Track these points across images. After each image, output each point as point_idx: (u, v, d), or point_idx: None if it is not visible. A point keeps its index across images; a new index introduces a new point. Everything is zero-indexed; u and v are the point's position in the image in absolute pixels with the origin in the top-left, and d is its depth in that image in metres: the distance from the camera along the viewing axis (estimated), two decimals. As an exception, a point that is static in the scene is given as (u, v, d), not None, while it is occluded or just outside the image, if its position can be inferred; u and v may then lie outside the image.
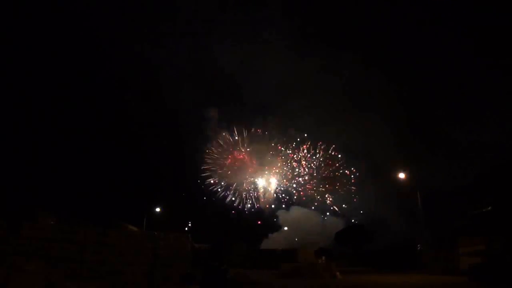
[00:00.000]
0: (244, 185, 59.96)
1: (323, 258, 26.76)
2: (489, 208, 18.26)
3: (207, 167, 58.95)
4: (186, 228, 52.03)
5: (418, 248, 29.28)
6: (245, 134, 58.95)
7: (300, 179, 59.36)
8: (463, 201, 34.28)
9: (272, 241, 50.22)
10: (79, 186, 48.30)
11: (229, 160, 59.55)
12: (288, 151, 59.55)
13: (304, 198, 58.58)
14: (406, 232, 37.26)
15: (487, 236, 17.49)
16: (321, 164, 58.79)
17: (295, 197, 58.92)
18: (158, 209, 49.46)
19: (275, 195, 59.76)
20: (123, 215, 40.06)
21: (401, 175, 35.94)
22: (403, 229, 39.00)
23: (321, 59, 56.45)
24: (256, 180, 60.20)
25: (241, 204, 59.24)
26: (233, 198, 59.13)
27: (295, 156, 59.58)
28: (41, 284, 9.93)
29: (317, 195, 58.33)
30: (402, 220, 40.49)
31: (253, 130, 58.72)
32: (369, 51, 59.79)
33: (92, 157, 52.46)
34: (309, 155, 59.11)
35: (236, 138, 59.39)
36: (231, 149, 59.70)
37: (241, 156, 59.66)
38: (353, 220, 52.93)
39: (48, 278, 10.14)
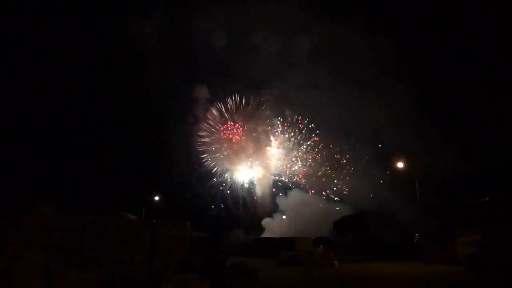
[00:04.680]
0: (241, 169, 58.43)
1: (321, 246, 26.96)
2: (487, 198, 18.37)
3: (202, 150, 57.46)
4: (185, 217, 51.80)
5: (416, 238, 29.51)
6: (238, 115, 57.16)
7: (299, 162, 57.32)
8: (462, 191, 34.42)
9: (271, 229, 49.98)
10: (78, 175, 48.32)
11: (224, 143, 58.14)
12: (284, 132, 57.53)
13: (303, 181, 56.47)
14: (405, 222, 37.45)
15: (484, 226, 17.66)
16: (319, 147, 56.49)
17: (296, 179, 57.03)
18: (157, 198, 49.67)
19: (273, 180, 58.03)
20: (122, 204, 40.29)
21: (400, 164, 36.08)
22: (402, 218, 39.17)
23: (320, 31, 52.43)
24: (252, 164, 58.34)
25: (238, 190, 58.12)
26: (230, 184, 58.08)
27: (292, 137, 57.35)
28: (41, 273, 10.01)
29: (315, 180, 56.03)
30: (401, 209, 40.58)
31: (245, 107, 56.79)
32: (377, 24, 51.65)
33: (89, 146, 52.19)
34: (308, 137, 56.86)
35: (229, 119, 57.78)
36: (224, 131, 58.05)
37: (236, 138, 58.03)
38: (352, 209, 51.56)
39: (47, 267, 10.22)
